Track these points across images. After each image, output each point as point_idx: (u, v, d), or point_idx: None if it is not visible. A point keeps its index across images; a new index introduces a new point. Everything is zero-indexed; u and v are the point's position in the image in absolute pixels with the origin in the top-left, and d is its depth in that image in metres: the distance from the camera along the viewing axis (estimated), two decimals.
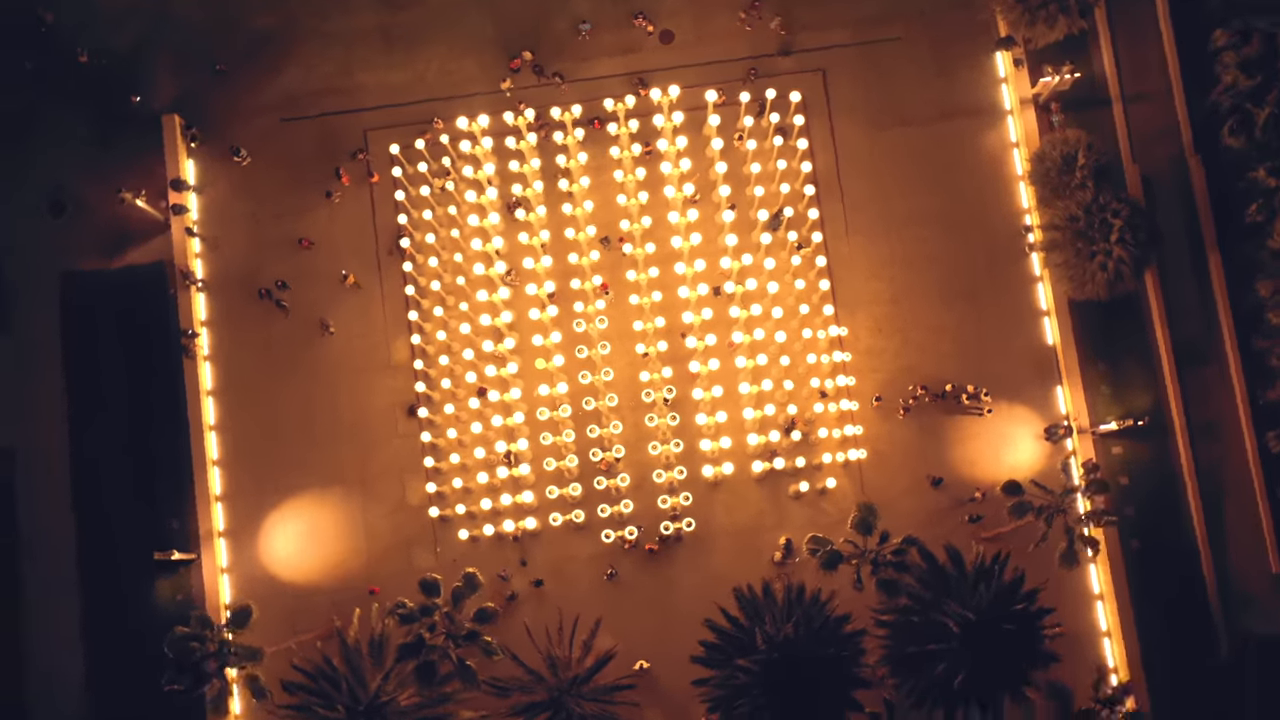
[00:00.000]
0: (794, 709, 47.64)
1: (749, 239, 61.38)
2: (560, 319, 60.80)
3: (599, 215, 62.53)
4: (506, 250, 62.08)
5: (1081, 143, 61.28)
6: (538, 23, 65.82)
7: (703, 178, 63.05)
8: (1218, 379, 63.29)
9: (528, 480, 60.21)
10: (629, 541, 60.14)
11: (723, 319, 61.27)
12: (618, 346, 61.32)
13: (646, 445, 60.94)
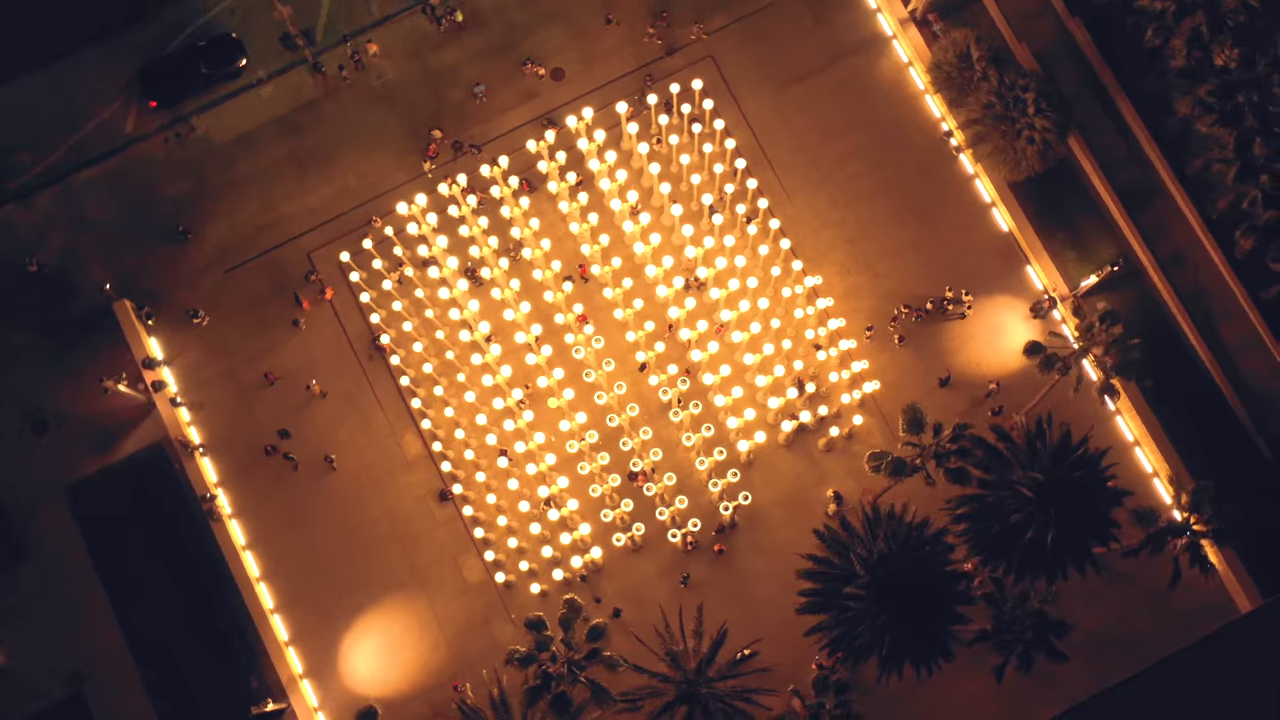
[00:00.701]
0: (910, 619, 48.88)
1: (703, 225, 63.33)
2: (557, 356, 62.07)
3: (559, 250, 64.21)
4: (482, 310, 63.36)
5: (969, 39, 64.28)
6: (435, 101, 67.63)
7: (641, 185, 64.96)
8: (1169, 209, 66.03)
9: (579, 515, 61.04)
10: (693, 538, 61.17)
11: (705, 304, 63.02)
12: (620, 362, 62.68)
13: (679, 442, 62.20)
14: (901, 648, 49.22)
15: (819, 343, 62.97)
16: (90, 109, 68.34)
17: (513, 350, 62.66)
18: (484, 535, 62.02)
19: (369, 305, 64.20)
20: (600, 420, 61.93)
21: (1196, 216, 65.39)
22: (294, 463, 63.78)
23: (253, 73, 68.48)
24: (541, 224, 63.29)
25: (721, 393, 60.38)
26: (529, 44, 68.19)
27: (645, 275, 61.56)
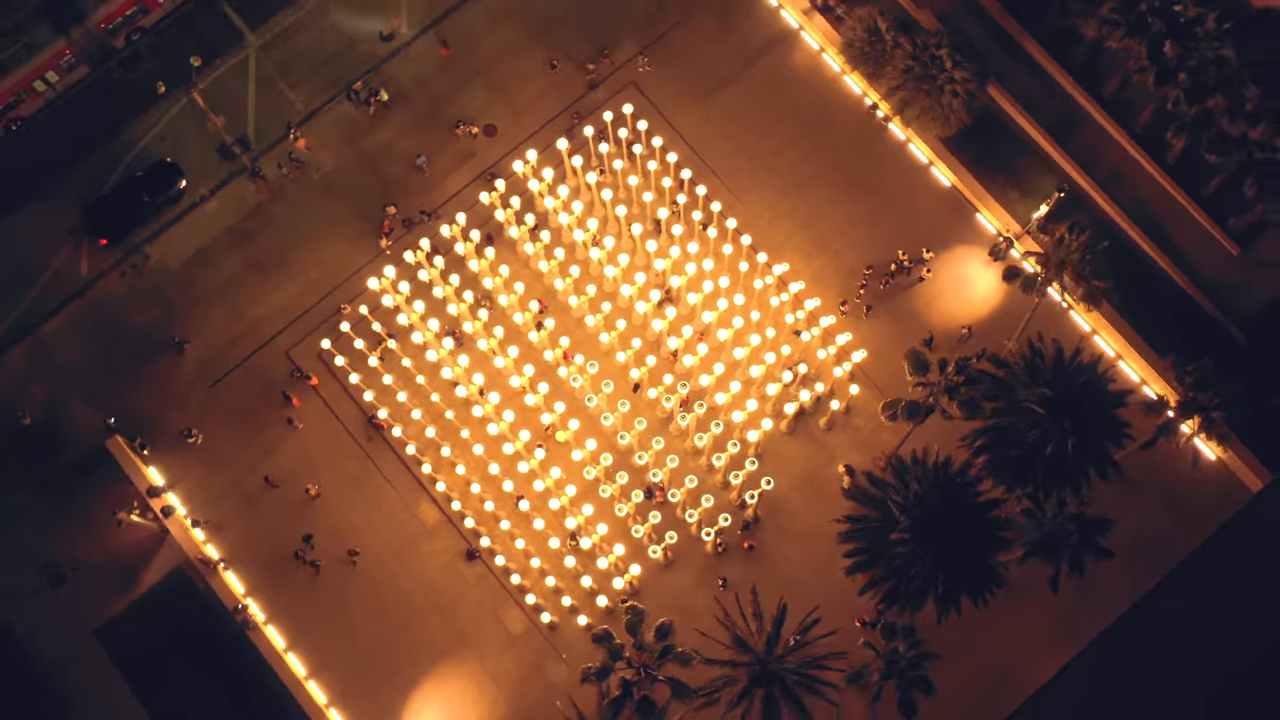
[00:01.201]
0: (957, 551, 50.19)
1: (666, 238, 65.00)
2: (554, 391, 63.12)
3: (532, 292, 65.66)
4: (472, 363, 64.40)
5: (873, 14, 66.83)
6: (379, 180, 68.92)
7: (597, 213, 66.50)
8: (1096, 134, 68.66)
9: (610, 539, 61.77)
10: (723, 542, 62.18)
11: (685, 310, 64.48)
12: (617, 383, 63.85)
13: (692, 446, 63.35)
14: (955, 582, 50.42)
15: (799, 327, 64.51)
16: (43, 260, 68.93)
17: (511, 396, 63.59)
18: (519, 582, 62.60)
19: (358, 386, 64.97)
20: (611, 442, 62.95)
21: (1123, 134, 68.04)
22: (318, 569, 63.99)
23: (194, 192, 69.47)
24: (511, 270, 64.56)
25: (720, 390, 61.67)
26: (455, 108, 69.83)
27: (621, 295, 62.90)
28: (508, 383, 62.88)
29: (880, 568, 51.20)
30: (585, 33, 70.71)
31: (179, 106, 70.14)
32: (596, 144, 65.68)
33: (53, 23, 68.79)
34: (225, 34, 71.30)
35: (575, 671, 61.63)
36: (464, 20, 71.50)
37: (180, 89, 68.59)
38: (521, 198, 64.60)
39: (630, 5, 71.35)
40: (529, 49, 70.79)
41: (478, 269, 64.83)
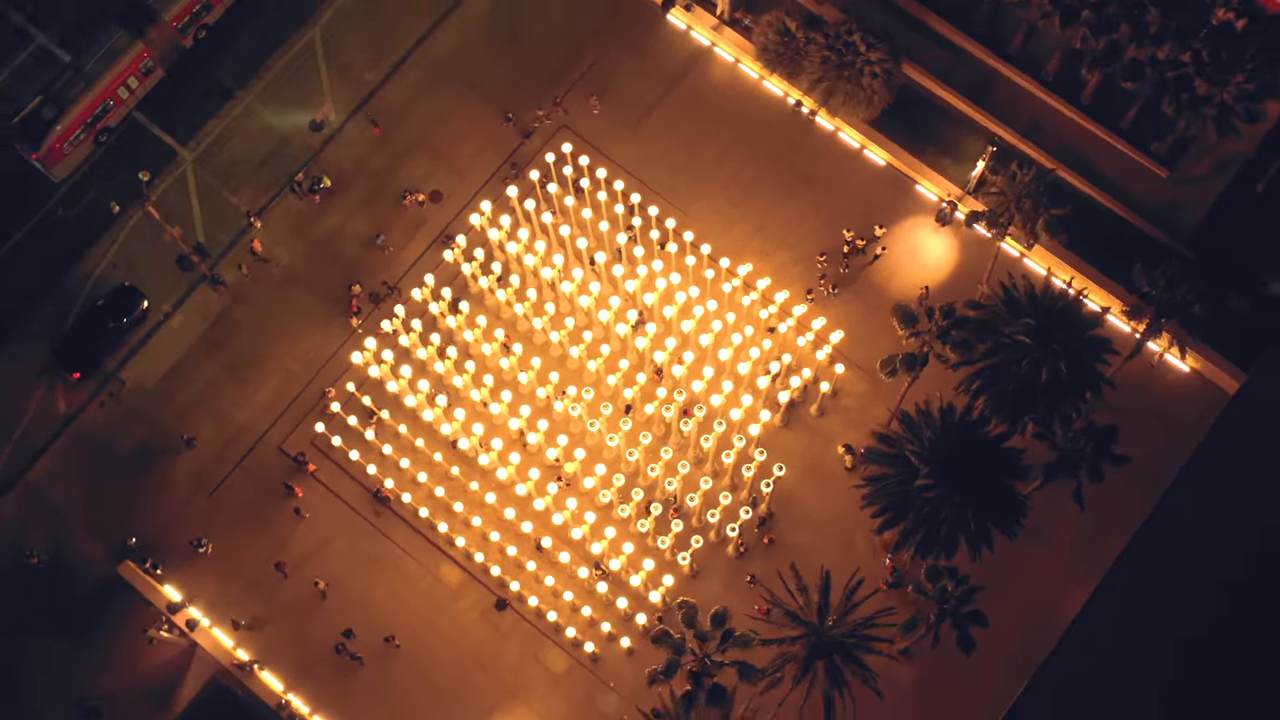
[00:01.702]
0: (981, 486, 51.86)
1: (629, 262, 66.74)
2: (554, 426, 64.42)
3: (514, 335, 67.03)
4: (469, 416, 65.36)
5: (780, 16, 69.53)
6: (339, 263, 69.99)
7: (561, 248, 68.05)
8: (1010, 89, 71.64)
9: (635, 557, 62.60)
10: (744, 544, 63.47)
11: (663, 326, 66.01)
12: (615, 404, 65.33)
13: (700, 449, 64.58)
14: (984, 517, 52.03)
15: (772, 323, 66.32)
16: (19, 405, 68.91)
17: (513, 439, 64.73)
18: (555, 620, 63.21)
19: (359, 463, 65.59)
20: (620, 463, 64.11)
21: (1036, 85, 71.15)
22: (361, 661, 64.15)
23: (158, 310, 70.01)
24: (488, 320, 65.81)
25: (714, 392, 63.18)
26: (398, 181, 71.26)
27: (599, 322, 64.43)
28: (507, 427, 63.86)
29: (910, 520, 52.64)
30: (509, 89, 72.60)
31: (128, 229, 70.79)
32: (544, 186, 67.26)
33: (127, 27, 70.05)
34: (159, 153, 72.19)
35: (626, 699, 62.64)
36: (389, 97, 73.13)
37: (134, 203, 69.22)
38: (484, 248, 66.00)
39: (545, 55, 73.37)
40: (457, 112, 72.53)
41: (455, 324, 65.91)
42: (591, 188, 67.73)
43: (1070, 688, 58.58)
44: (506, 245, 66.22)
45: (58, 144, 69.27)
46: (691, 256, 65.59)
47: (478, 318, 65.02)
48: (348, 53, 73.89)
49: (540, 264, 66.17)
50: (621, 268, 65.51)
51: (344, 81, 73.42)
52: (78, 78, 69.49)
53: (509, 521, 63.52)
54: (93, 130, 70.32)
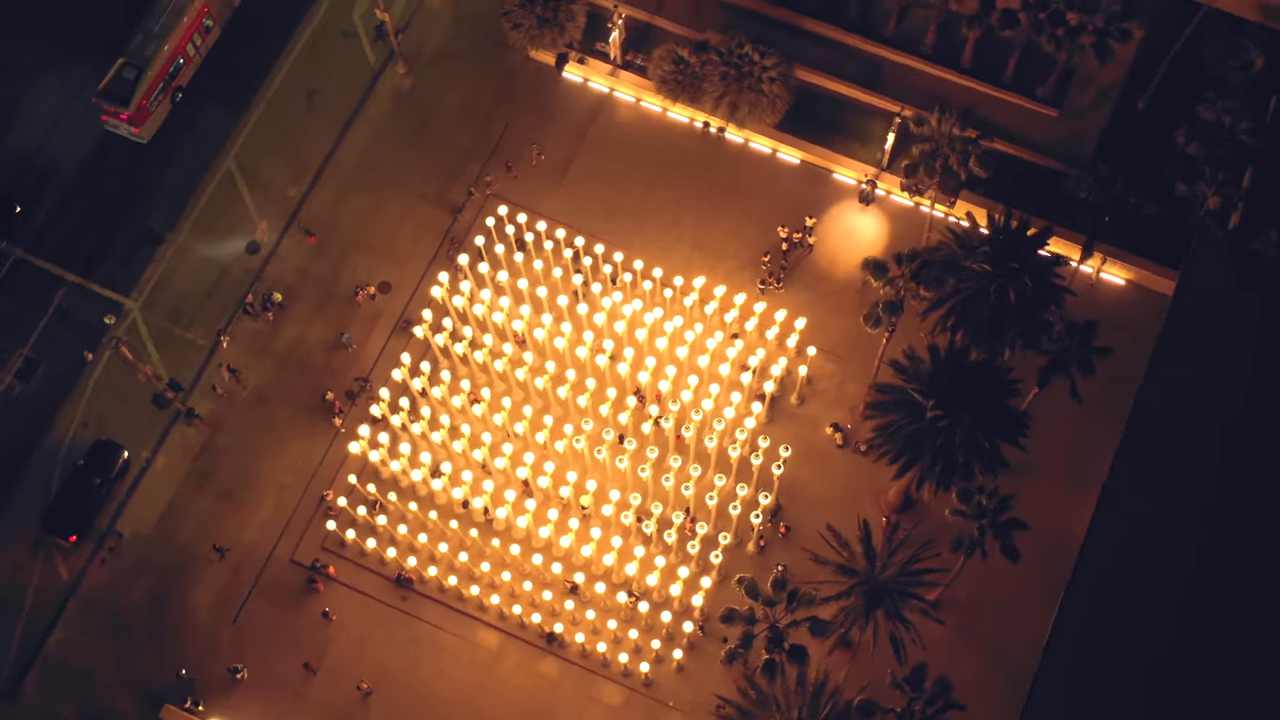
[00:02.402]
0: (985, 407, 54.70)
1: (589, 299, 69.17)
2: (562, 465, 66.66)
3: (499, 390, 69.16)
4: (476, 477, 66.69)
5: (671, 48, 73.33)
6: (307, 372, 71.20)
7: (526, 300, 70.45)
8: (894, 69, 76.00)
9: (669, 568, 64.12)
10: (764, 539, 65.62)
11: (634, 359, 68.21)
12: (616, 429, 67.45)
13: (706, 450, 66.19)
14: (993, 435, 54.83)
15: (735, 329, 69.06)
16: (19, 583, 68.44)
17: (524, 488, 66.16)
18: (604, 651, 64.30)
19: (374, 551, 66.40)
20: (635, 481, 66.01)
21: (918, 60, 75.67)
22: None
23: (138, 459, 70.34)
24: (471, 382, 67.60)
25: (706, 397, 65.49)
26: (345, 281, 72.95)
27: (567, 379, 66.63)
28: (515, 476, 65.36)
29: (926, 459, 55.18)
30: (429, 171, 75.05)
31: (90, 388, 71.24)
32: (489, 250, 69.47)
33: None
34: (103, 309, 72.89)
35: (688, 714, 63.83)
36: (316, 207, 75.01)
37: (107, 340, 70.05)
38: (451, 318, 68.13)
39: (455, 136, 76.00)
40: (383, 207, 74.64)
41: (441, 394, 67.49)
42: (535, 241, 70.03)
43: (1102, 591, 61.28)
44: (474, 308, 68.08)
45: (144, 101, 73.44)
46: (648, 282, 68.14)
47: (461, 381, 66.69)
48: (266, 174, 75.73)
49: (510, 318, 68.17)
50: (585, 305, 67.85)
51: (269, 202, 75.15)
52: (149, 38, 73.60)
53: (537, 568, 64.70)
54: (169, 89, 74.70)
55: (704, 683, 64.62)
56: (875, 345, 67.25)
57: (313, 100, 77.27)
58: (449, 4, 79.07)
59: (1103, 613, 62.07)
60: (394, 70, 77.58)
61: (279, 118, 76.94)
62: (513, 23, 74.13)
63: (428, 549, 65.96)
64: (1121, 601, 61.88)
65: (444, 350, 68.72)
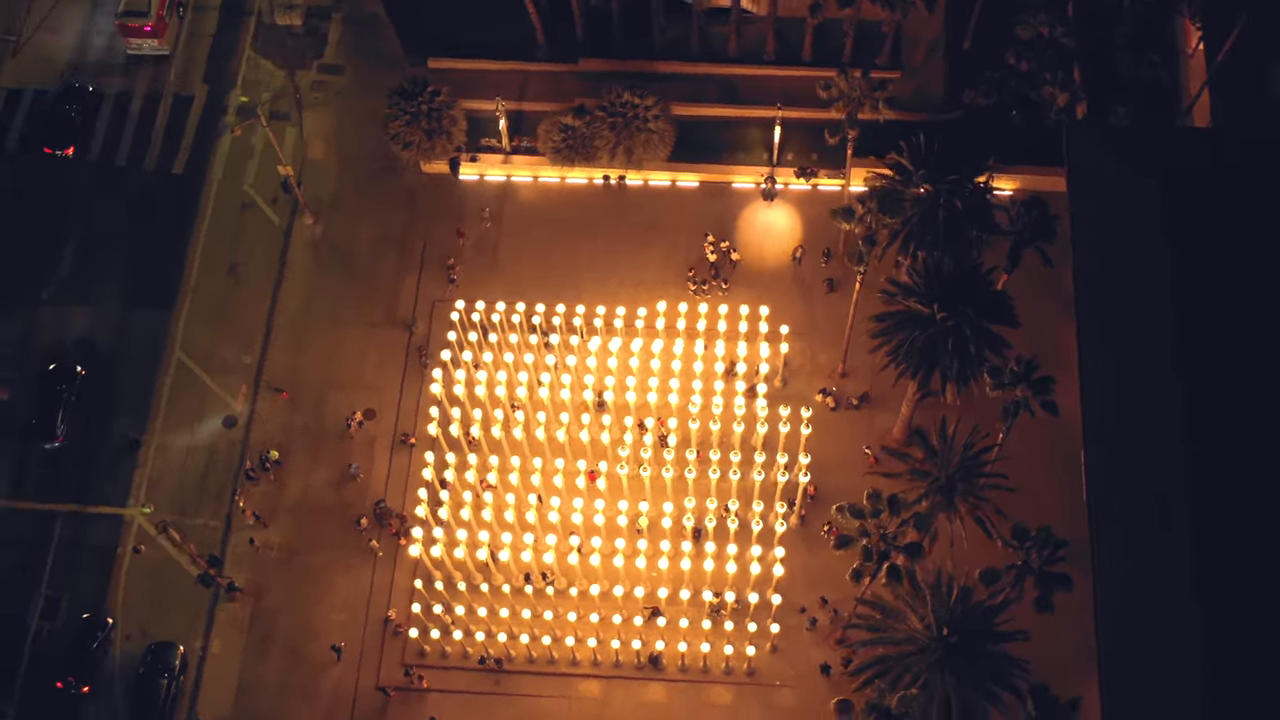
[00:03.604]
0: (979, 302, 61.16)
1: (567, 352, 73.65)
2: (611, 496, 70.55)
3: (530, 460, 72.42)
4: (538, 540, 69.70)
5: (553, 121, 79.19)
6: (327, 513, 73.35)
7: (516, 394, 74.27)
8: (749, 81, 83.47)
9: (742, 555, 68.14)
10: (803, 510, 70.69)
11: (613, 425, 73.22)
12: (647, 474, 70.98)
13: (740, 469, 71.08)
14: (995, 319, 61.34)
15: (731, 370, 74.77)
16: None
17: (585, 529, 69.61)
18: (704, 656, 67.90)
19: (459, 645, 68.78)
20: (684, 488, 70.74)
21: (766, 68, 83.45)
22: None
23: (194, 650, 70.85)
24: (500, 458, 71.49)
25: (709, 404, 70.97)
26: (329, 422, 75.50)
27: (583, 422, 70.85)
28: (571, 522, 68.85)
29: (945, 358, 61.09)
30: (369, 300, 78.63)
31: (122, 605, 71.77)
32: (461, 353, 73.26)
33: None
34: (108, 528, 73.64)
35: (799, 686, 67.70)
36: (275, 365, 77.33)
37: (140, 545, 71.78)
38: (457, 406, 71.90)
39: (381, 262, 79.78)
40: (339, 345, 77.55)
41: (474, 478, 70.78)
42: (500, 329, 74.15)
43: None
44: (474, 412, 72.06)
45: (160, 13, 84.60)
46: (618, 321, 73.27)
47: (490, 458, 70.07)
48: (217, 351, 77.88)
49: (511, 388, 72.48)
50: (573, 358, 72.19)
51: (229, 374, 77.25)
52: None
53: (620, 598, 67.86)
54: (174, 7, 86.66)
55: (800, 654, 68.69)
56: (832, 314, 74.32)
57: (236, 272, 79.95)
58: (329, 149, 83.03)
59: (1119, 444, 67.03)
60: (302, 223, 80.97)
61: (209, 299, 79.39)
62: (402, 143, 78.70)
63: (508, 623, 68.35)
64: (1131, 435, 67.17)
65: (461, 432, 72.29)
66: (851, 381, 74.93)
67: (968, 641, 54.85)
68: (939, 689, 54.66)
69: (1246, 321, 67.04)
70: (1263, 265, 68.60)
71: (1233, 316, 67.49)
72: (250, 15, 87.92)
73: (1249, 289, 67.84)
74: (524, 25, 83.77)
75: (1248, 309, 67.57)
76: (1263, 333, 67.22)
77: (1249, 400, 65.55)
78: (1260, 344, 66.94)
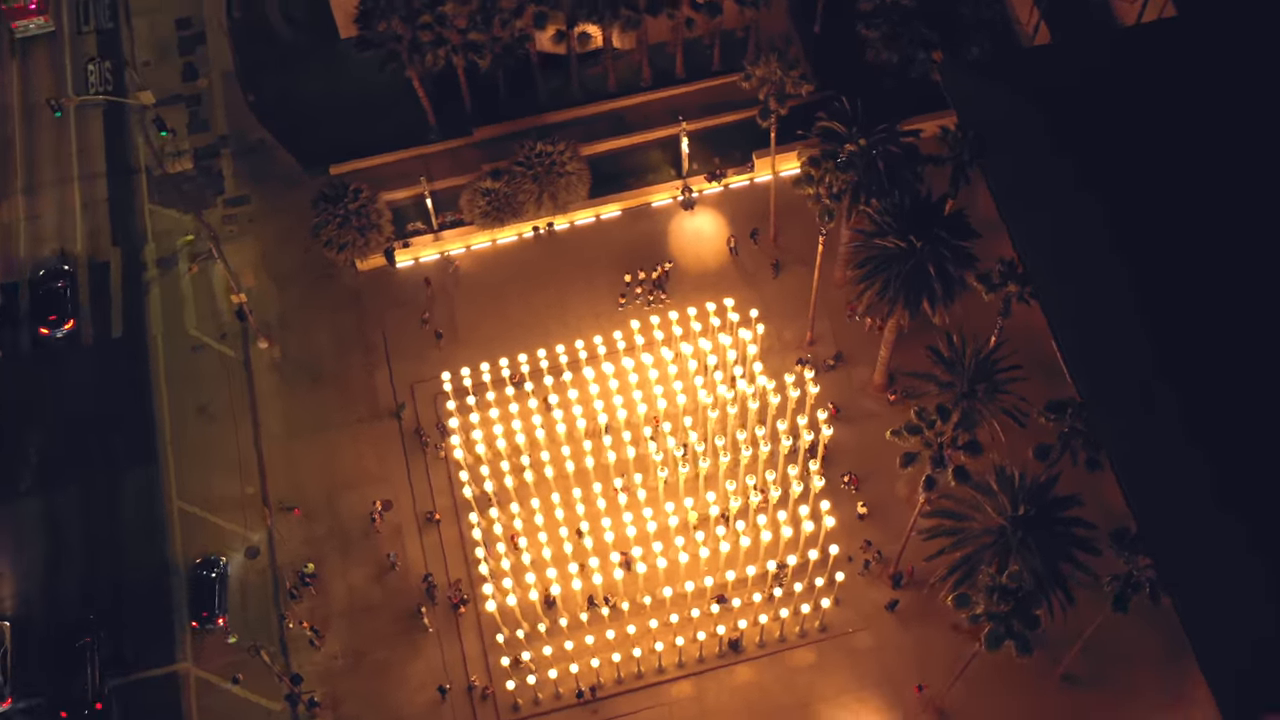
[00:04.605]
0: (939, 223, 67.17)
1: (549, 400, 76.94)
2: (655, 502, 73.09)
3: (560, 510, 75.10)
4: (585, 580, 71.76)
5: (473, 187, 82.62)
6: (382, 606, 74.50)
7: (518, 465, 76.84)
8: (636, 109, 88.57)
9: (793, 539, 72.31)
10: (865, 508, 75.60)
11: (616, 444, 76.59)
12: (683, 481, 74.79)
13: (771, 462, 75.33)
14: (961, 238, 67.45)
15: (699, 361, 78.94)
16: None
17: (641, 555, 72.76)
18: (781, 623, 71.41)
19: (551, 684, 71.44)
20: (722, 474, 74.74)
21: (645, 94, 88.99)
22: None
23: None
24: (525, 518, 74.66)
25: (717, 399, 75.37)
26: (349, 516, 77.20)
27: (603, 445, 74.50)
28: (627, 549, 72.36)
29: (931, 284, 66.67)
30: (349, 401, 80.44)
31: None
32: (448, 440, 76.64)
33: None
34: (159, 690, 73.43)
35: (868, 623, 72.19)
36: (279, 486, 78.29)
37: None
38: (482, 466, 74.57)
39: (348, 364, 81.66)
40: (334, 446, 79.13)
41: (521, 526, 73.44)
42: (486, 386, 77.14)
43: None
44: (497, 442, 74.75)
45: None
46: (589, 355, 77.12)
47: (535, 518, 73.65)
48: (214, 489, 78.33)
49: (524, 440, 75.48)
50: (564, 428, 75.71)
51: (235, 510, 77.78)
52: None
53: (691, 593, 71.03)
54: None
55: (862, 598, 73.03)
56: (783, 294, 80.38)
57: (207, 412, 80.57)
58: (261, 274, 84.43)
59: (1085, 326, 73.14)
60: (258, 350, 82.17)
61: (189, 445, 79.84)
62: (337, 246, 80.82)
63: (590, 650, 70.74)
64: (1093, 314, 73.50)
65: (492, 494, 75.05)
66: (821, 346, 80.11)
67: (1043, 513, 60.06)
68: (1028, 566, 59.38)
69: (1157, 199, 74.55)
70: (1154, 148, 76.33)
71: (1142, 198, 74.91)
72: (137, 173, 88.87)
73: (1148, 173, 75.40)
74: (411, 113, 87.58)
75: (1152, 190, 75.10)
76: (1174, 206, 74.77)
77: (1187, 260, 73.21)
78: (1175, 216, 74.63)
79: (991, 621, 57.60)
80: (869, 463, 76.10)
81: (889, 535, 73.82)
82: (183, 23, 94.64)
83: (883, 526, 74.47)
